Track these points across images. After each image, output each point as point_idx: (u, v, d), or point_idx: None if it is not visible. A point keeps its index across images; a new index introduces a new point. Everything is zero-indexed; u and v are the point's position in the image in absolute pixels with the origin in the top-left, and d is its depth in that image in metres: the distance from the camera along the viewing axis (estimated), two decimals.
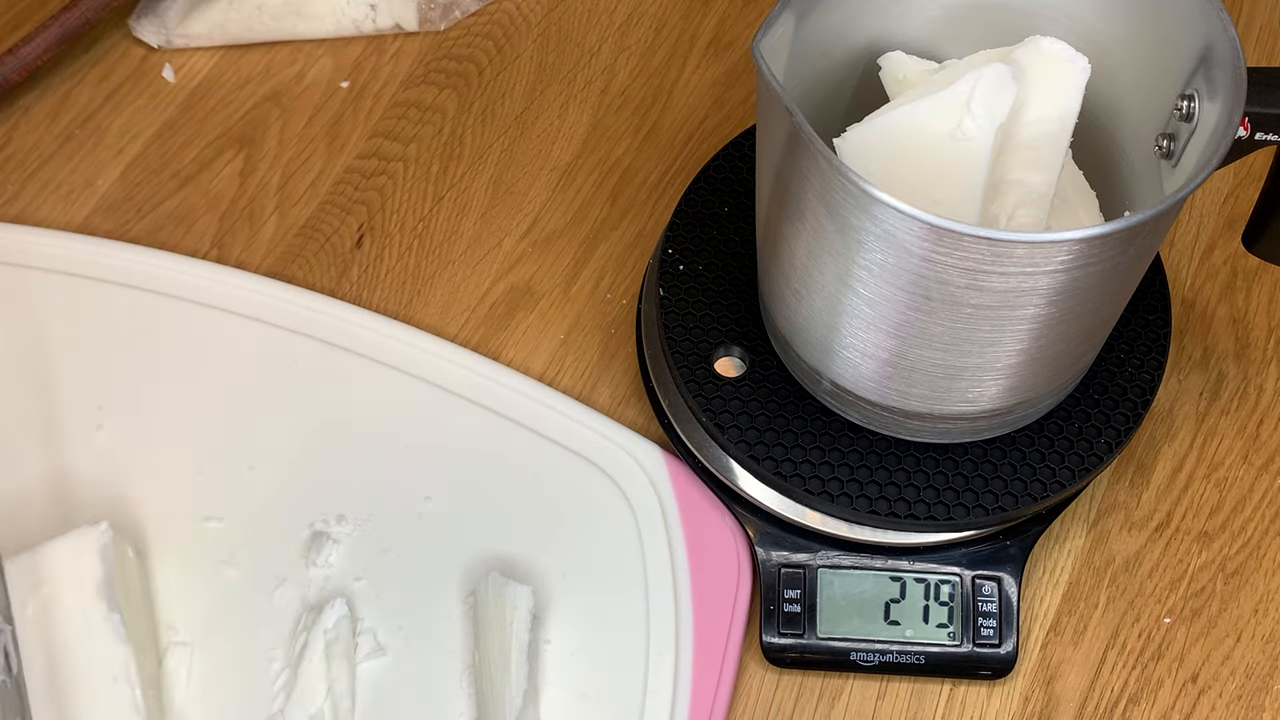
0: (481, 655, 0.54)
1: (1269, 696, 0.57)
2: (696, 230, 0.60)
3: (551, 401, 0.60)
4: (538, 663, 0.55)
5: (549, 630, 0.56)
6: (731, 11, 0.75)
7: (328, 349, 0.61)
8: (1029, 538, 0.57)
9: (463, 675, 0.55)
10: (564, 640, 0.56)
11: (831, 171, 0.43)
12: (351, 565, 0.57)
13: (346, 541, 0.57)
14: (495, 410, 0.60)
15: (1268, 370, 0.64)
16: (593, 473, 0.59)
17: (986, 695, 0.57)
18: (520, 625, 0.53)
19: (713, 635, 0.56)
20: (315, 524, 0.57)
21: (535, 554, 0.57)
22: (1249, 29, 0.75)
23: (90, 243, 0.64)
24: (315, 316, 0.62)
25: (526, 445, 0.59)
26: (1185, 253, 0.67)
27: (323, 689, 0.53)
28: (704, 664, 0.55)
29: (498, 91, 0.72)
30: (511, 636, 0.53)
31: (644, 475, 0.59)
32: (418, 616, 0.56)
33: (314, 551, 0.57)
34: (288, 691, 0.53)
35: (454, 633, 0.55)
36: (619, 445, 0.59)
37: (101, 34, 0.73)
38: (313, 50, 0.73)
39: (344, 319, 0.62)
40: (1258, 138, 0.47)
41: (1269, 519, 0.60)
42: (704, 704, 0.54)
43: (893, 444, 0.55)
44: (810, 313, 0.51)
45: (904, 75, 0.52)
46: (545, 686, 0.54)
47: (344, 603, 0.55)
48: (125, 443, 0.59)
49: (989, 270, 0.43)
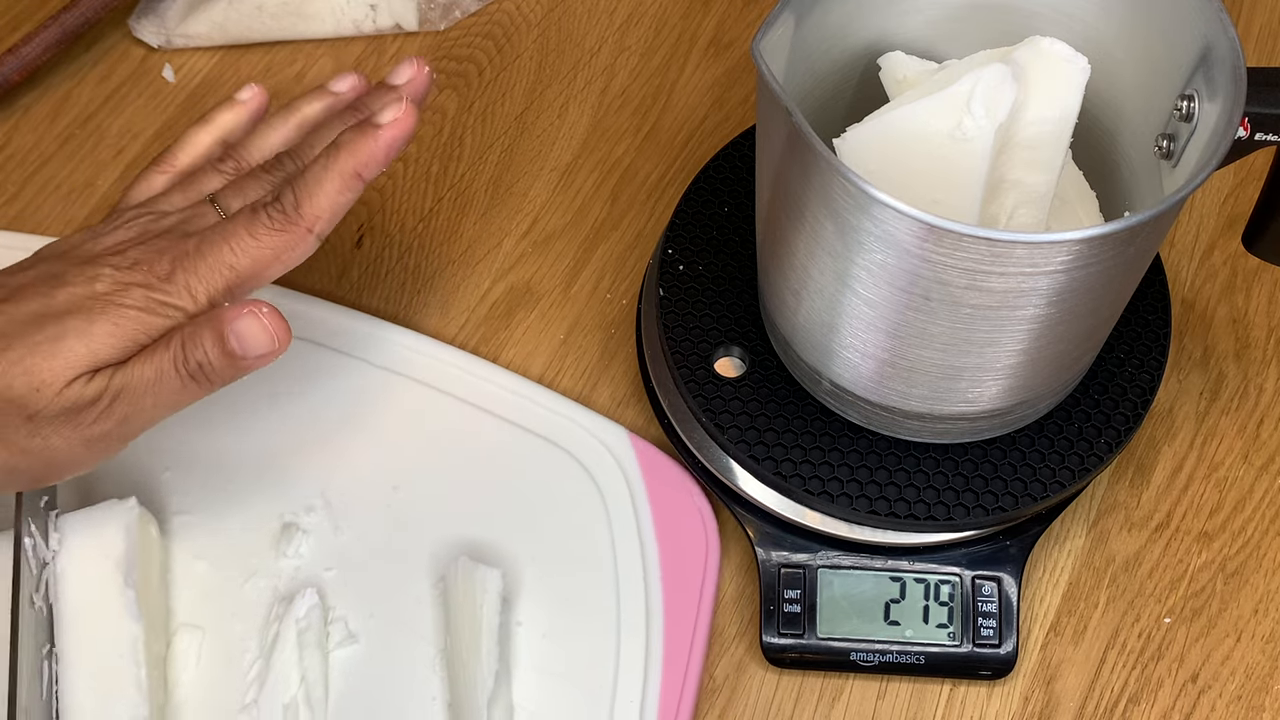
0: (453, 639, 0.54)
1: (1269, 696, 0.57)
2: (696, 230, 0.60)
3: (515, 386, 0.61)
4: (509, 645, 0.55)
5: (520, 613, 0.56)
6: (731, 11, 0.75)
7: (294, 342, 0.61)
8: (1029, 538, 0.57)
9: (435, 659, 0.55)
10: (535, 622, 0.56)
11: (831, 171, 0.43)
12: (322, 555, 0.57)
13: (316, 532, 0.57)
14: (460, 397, 0.60)
15: (1268, 370, 0.64)
16: (559, 456, 0.59)
17: (986, 695, 0.57)
18: (490, 608, 0.54)
19: (683, 612, 0.56)
20: (285, 516, 0.58)
21: (504, 538, 0.57)
22: (1249, 29, 0.75)
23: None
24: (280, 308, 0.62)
25: (492, 431, 0.60)
26: (1185, 253, 0.67)
27: (296, 678, 0.54)
28: (674, 641, 0.55)
29: (498, 91, 0.72)
30: (482, 619, 0.53)
31: (610, 457, 0.59)
32: (389, 604, 0.56)
33: (284, 543, 0.57)
34: (261, 682, 0.54)
35: (425, 618, 0.56)
36: (585, 428, 0.60)
37: (101, 34, 0.73)
38: (313, 50, 0.73)
39: (305, 313, 0.62)
40: (1258, 138, 0.47)
41: (1269, 519, 0.60)
42: (675, 680, 0.55)
43: (893, 444, 0.55)
44: (810, 313, 0.51)
45: (904, 75, 0.52)
46: (517, 668, 0.55)
47: (315, 592, 0.55)
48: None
49: (989, 270, 0.43)
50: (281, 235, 0.49)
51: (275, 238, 0.49)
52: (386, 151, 0.50)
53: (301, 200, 0.49)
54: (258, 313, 0.47)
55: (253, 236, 0.49)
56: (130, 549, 0.52)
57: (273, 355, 0.48)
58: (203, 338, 0.47)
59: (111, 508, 0.53)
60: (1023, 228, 0.51)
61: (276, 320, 0.47)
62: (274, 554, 0.57)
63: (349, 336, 0.61)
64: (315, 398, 0.60)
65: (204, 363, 0.47)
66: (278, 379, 0.60)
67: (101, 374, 0.47)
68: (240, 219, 0.49)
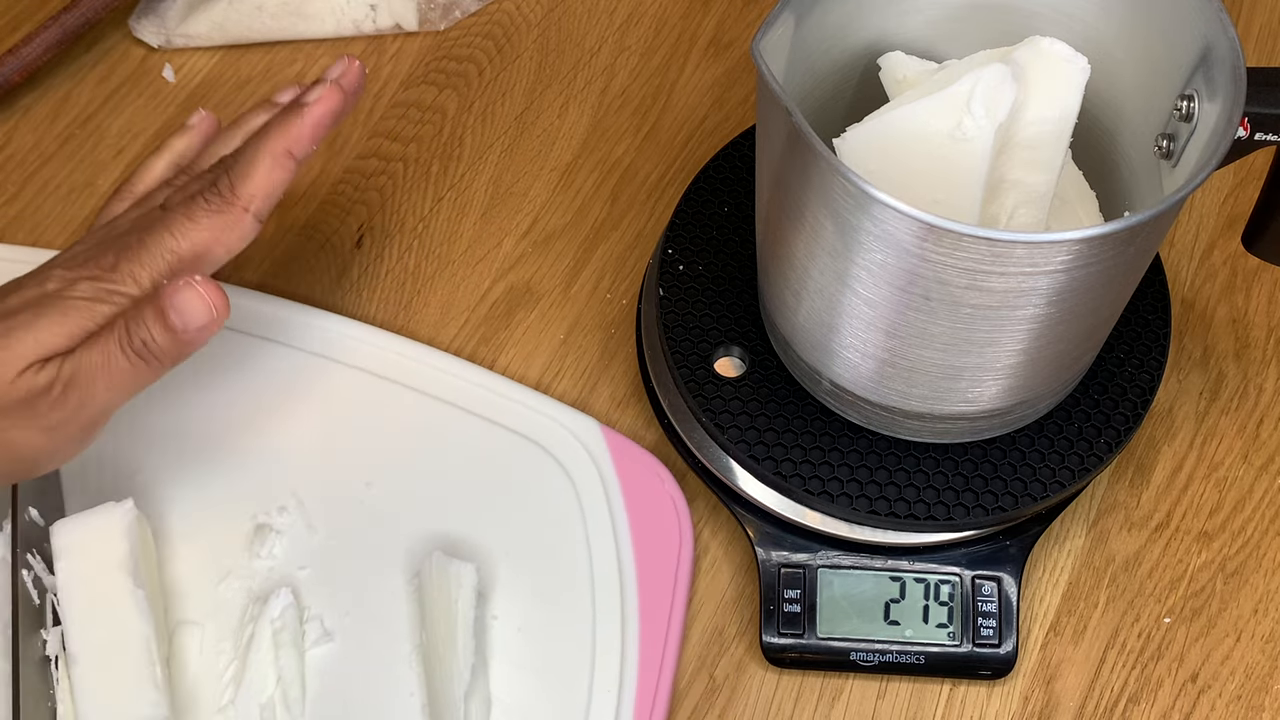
0: (428, 634, 0.55)
1: (1269, 696, 0.57)
2: (696, 230, 0.60)
3: (485, 381, 0.61)
4: (485, 638, 0.55)
5: (495, 606, 0.56)
6: (731, 11, 0.75)
7: (261, 343, 0.61)
8: (1029, 538, 0.57)
9: (411, 655, 0.55)
10: (511, 615, 0.56)
11: (831, 171, 0.43)
12: (296, 555, 0.57)
13: (289, 532, 0.57)
14: (430, 394, 0.60)
15: (1268, 370, 0.64)
16: (532, 449, 0.59)
17: (986, 695, 0.57)
18: (465, 602, 0.54)
19: (657, 603, 0.56)
20: (258, 516, 0.58)
21: (478, 533, 0.58)
22: (1249, 29, 0.75)
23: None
24: (246, 312, 0.62)
25: (463, 426, 0.60)
26: (1185, 253, 0.67)
27: (273, 678, 0.54)
28: (649, 631, 0.56)
29: (498, 91, 0.72)
30: (457, 614, 0.54)
31: (583, 449, 0.59)
32: (363, 601, 0.56)
33: (257, 544, 0.57)
34: (237, 683, 0.54)
35: (400, 614, 0.56)
36: (556, 421, 0.60)
37: (101, 34, 0.73)
38: (313, 50, 0.73)
39: (274, 314, 0.62)
40: (1258, 138, 0.47)
41: (1269, 519, 0.61)
42: (651, 670, 0.55)
43: (893, 444, 0.55)
44: (810, 313, 0.51)
45: (904, 75, 0.52)
46: (494, 662, 0.55)
47: (289, 592, 0.55)
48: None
49: (989, 270, 0.43)
50: (219, 216, 0.50)
51: (213, 219, 0.50)
52: (313, 130, 0.52)
53: (236, 182, 0.51)
54: (193, 283, 0.48)
55: (191, 220, 0.50)
56: (133, 549, 0.52)
57: (213, 326, 0.49)
58: (144, 316, 0.48)
59: (110, 510, 0.53)
60: (1023, 228, 0.51)
61: (213, 290, 0.48)
62: (248, 555, 0.57)
63: (313, 334, 0.62)
64: (282, 398, 0.60)
65: (148, 340, 0.48)
66: (244, 379, 0.60)
67: (52, 363, 0.48)
68: (179, 206, 0.51)
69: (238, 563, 0.57)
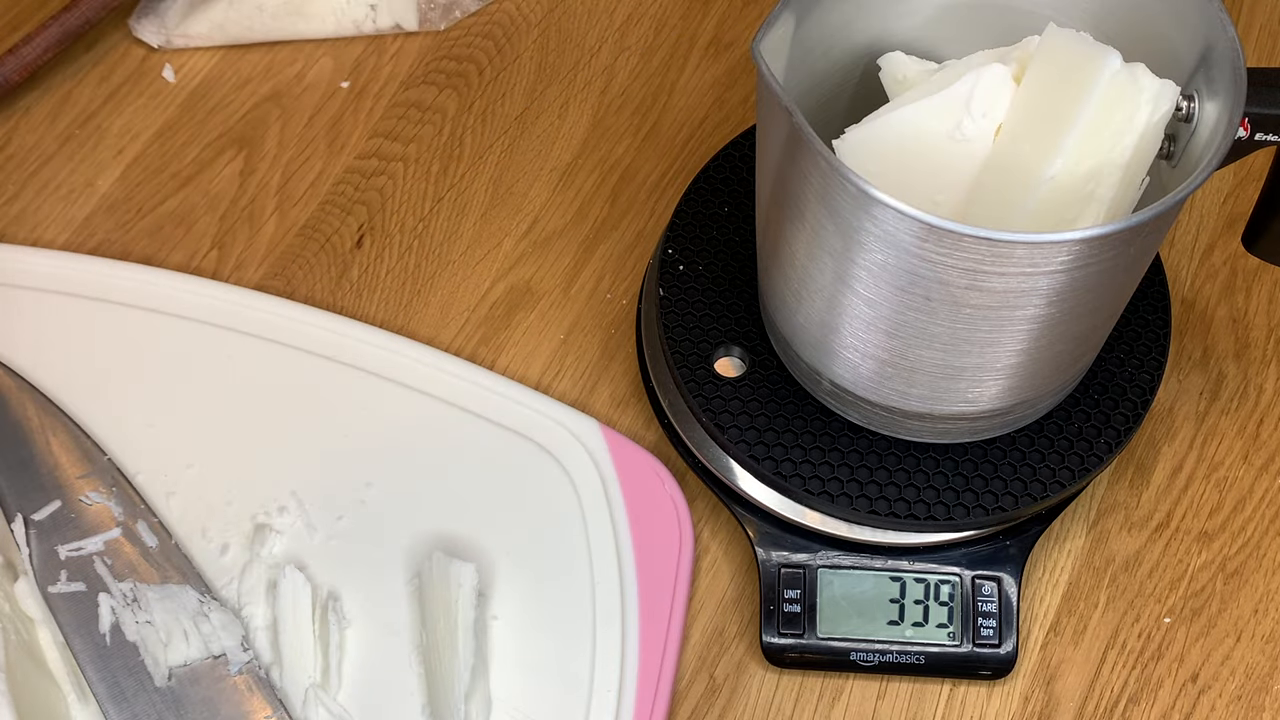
0: (428, 635, 0.55)
1: (1269, 696, 0.57)
2: (696, 230, 0.60)
3: (485, 381, 0.61)
4: (485, 639, 0.55)
5: (496, 606, 0.56)
6: (731, 11, 0.75)
7: (263, 344, 0.61)
8: (1029, 538, 0.57)
9: (411, 655, 0.55)
10: (511, 615, 0.56)
11: (831, 172, 0.43)
12: (295, 555, 0.57)
13: (289, 532, 0.57)
14: (430, 394, 0.60)
15: (1268, 370, 0.64)
16: (532, 449, 0.59)
17: (986, 695, 0.57)
18: (465, 603, 0.54)
19: (658, 603, 0.56)
20: (257, 517, 0.58)
21: (479, 533, 0.58)
22: (1249, 29, 0.75)
23: (62, 258, 0.64)
24: (244, 312, 0.62)
25: (463, 426, 0.60)
26: (1185, 253, 0.67)
27: (311, 656, 0.54)
28: (650, 632, 0.56)
29: (498, 91, 0.72)
30: (457, 614, 0.54)
31: (583, 449, 0.59)
32: (364, 601, 0.56)
33: (257, 544, 0.57)
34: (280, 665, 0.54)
35: (401, 615, 0.56)
36: (556, 421, 0.60)
37: (101, 34, 0.73)
38: (313, 50, 0.73)
39: (274, 313, 0.62)
40: (1258, 138, 0.47)
41: (1269, 519, 0.61)
42: (651, 670, 0.55)
43: (893, 444, 0.55)
44: (810, 313, 0.51)
45: (904, 75, 0.52)
46: (494, 662, 0.55)
47: (295, 567, 0.55)
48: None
49: (988, 270, 0.43)
50: None
51: None
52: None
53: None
54: None
55: None
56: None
57: None
58: None
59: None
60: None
61: None
62: (248, 554, 0.57)
63: (313, 334, 0.62)
64: (282, 398, 0.60)
65: None
66: (244, 379, 0.60)
67: None
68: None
69: (238, 562, 0.57)
